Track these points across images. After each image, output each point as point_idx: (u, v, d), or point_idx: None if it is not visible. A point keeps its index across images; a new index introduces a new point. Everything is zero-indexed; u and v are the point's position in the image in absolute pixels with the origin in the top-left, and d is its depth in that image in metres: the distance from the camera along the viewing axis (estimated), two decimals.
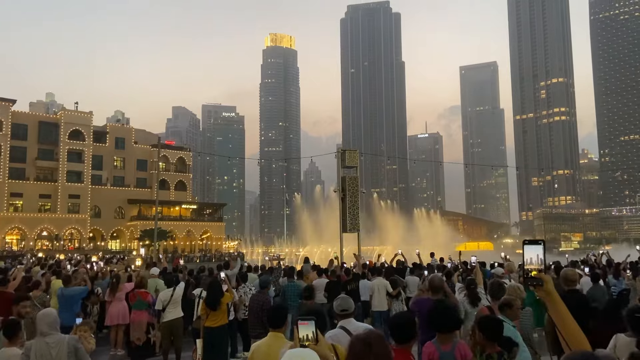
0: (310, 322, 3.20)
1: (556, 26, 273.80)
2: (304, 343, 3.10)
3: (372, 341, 2.96)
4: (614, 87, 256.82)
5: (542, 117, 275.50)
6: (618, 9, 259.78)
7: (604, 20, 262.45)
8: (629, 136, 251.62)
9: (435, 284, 8.02)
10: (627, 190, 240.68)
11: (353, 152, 22.74)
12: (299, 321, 3.23)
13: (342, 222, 21.66)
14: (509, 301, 6.19)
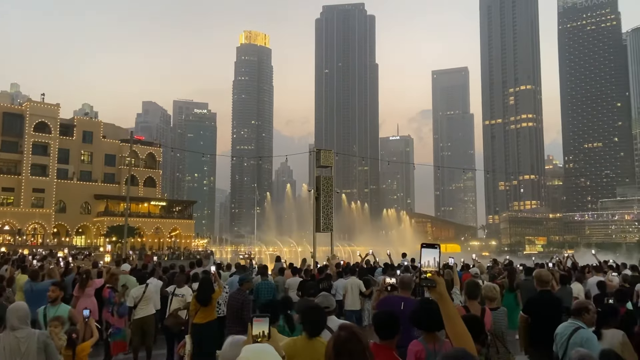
0: (265, 319, 3.22)
1: (525, 35, 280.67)
2: (257, 340, 3.14)
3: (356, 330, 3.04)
4: (579, 96, 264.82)
5: (510, 123, 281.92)
6: (585, 19, 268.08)
7: (572, 31, 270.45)
8: (592, 144, 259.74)
9: (405, 282, 8.22)
10: (590, 197, 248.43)
11: (328, 152, 22.78)
12: (254, 318, 3.24)
13: (316, 221, 21.68)
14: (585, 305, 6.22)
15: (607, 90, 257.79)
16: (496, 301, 7.58)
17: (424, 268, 2.84)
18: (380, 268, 17.87)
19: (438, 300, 2.91)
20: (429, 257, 2.83)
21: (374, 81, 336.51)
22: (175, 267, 17.87)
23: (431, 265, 2.82)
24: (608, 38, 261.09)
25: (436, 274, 2.79)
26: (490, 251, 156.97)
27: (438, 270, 2.80)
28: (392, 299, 8.38)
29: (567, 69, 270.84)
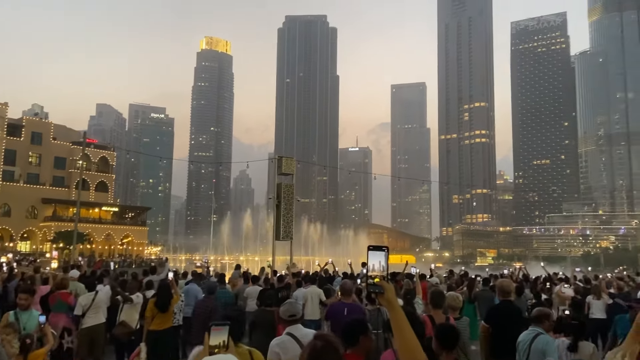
0: (224, 327, 3.05)
1: (480, 54, 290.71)
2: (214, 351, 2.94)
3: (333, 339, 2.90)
4: (530, 115, 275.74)
5: (464, 138, 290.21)
6: (536, 41, 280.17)
7: (524, 52, 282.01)
8: (540, 160, 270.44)
9: (346, 288, 8.52)
10: (537, 211, 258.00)
11: (290, 160, 22.61)
12: (212, 327, 3.06)
13: (276, 229, 21.41)
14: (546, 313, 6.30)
15: (556, 110, 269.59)
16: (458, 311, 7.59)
17: (370, 272, 2.64)
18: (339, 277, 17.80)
19: (387, 308, 2.72)
20: (375, 260, 2.66)
21: (334, 92, 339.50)
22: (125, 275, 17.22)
23: (377, 269, 2.63)
24: (557, 60, 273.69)
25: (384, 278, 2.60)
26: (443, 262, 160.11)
27: (385, 275, 2.60)
28: (336, 306, 8.62)
29: (518, 88, 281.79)
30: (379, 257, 2.64)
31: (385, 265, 2.61)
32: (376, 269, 2.61)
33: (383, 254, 2.65)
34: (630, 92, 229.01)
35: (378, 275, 2.58)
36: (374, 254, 2.67)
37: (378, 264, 2.62)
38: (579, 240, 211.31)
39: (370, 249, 2.67)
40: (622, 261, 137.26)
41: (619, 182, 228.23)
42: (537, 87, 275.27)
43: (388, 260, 2.61)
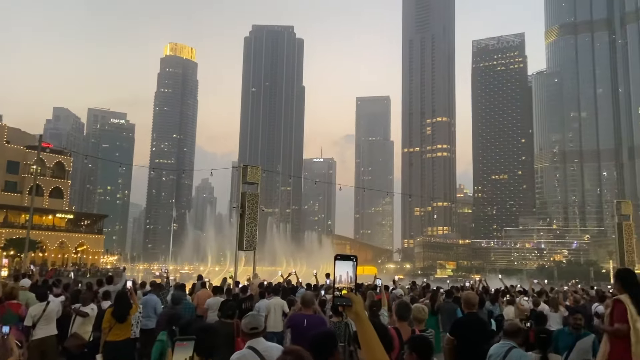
0: (190, 342, 2.90)
1: (443, 70, 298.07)
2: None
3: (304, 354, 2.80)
4: (489, 130, 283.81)
5: (426, 152, 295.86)
6: (496, 60, 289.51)
7: (484, 70, 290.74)
8: (498, 175, 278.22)
9: (306, 300, 8.48)
10: (495, 225, 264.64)
11: (255, 169, 22.35)
12: (177, 342, 2.92)
13: (239, 239, 21.06)
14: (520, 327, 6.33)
15: (514, 127, 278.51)
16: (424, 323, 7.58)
17: (337, 284, 2.47)
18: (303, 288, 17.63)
19: (355, 321, 2.59)
20: (343, 271, 2.49)
21: (300, 103, 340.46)
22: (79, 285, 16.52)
23: (344, 280, 2.46)
24: (515, 79, 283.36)
25: (351, 290, 2.44)
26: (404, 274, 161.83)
27: (354, 286, 2.44)
28: (296, 317, 8.50)
29: (478, 104, 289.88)
30: (347, 268, 2.50)
31: (353, 276, 2.47)
32: (343, 281, 2.47)
33: (351, 264, 2.50)
34: (584, 111, 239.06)
35: (345, 287, 2.45)
36: (341, 264, 2.52)
37: (346, 274, 2.49)
38: (534, 253, 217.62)
39: (337, 259, 2.53)
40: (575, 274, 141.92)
41: (571, 197, 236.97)
42: (496, 104, 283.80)
43: (356, 271, 2.47)
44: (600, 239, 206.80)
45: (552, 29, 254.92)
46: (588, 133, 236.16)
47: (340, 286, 2.45)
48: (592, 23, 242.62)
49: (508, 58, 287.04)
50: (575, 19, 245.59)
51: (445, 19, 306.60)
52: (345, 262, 2.48)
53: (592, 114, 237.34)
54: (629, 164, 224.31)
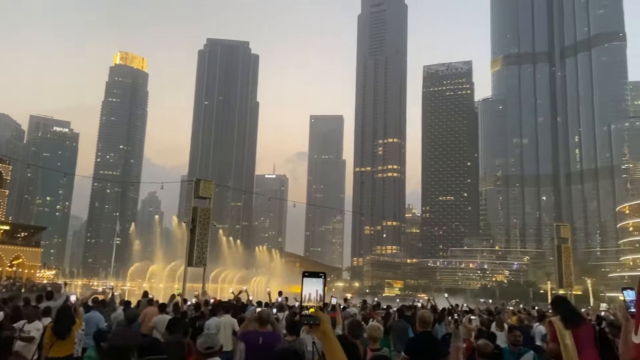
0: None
1: (395, 92, 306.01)
2: None
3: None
4: (437, 152, 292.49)
5: (377, 172, 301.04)
6: (445, 85, 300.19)
7: (433, 94, 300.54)
8: (445, 197, 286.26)
9: (263, 317, 8.53)
10: (442, 245, 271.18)
11: (208, 183, 21.96)
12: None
13: (189, 255, 20.52)
14: None
15: (460, 150, 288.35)
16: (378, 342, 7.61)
17: (305, 303, 2.37)
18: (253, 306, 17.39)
19: (322, 340, 2.54)
20: (311, 288, 2.38)
21: (253, 118, 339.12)
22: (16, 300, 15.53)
23: (313, 299, 2.35)
24: (463, 104, 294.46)
25: (319, 309, 2.34)
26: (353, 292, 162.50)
27: (322, 304, 2.35)
28: (251, 334, 8.40)
29: (428, 127, 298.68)
30: (316, 285, 2.39)
31: (322, 293, 2.37)
32: (312, 299, 2.36)
33: (320, 282, 2.39)
34: (525, 138, 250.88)
35: (314, 305, 2.35)
36: (309, 281, 2.41)
37: (315, 292, 2.38)
38: (478, 273, 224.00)
39: (305, 276, 2.42)
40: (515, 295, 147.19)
41: (513, 220, 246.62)
42: (444, 128, 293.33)
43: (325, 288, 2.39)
44: (538, 260, 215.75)
45: (497, 58, 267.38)
46: (529, 159, 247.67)
47: (309, 305, 2.36)
48: (534, 55, 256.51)
49: (456, 84, 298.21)
50: (519, 50, 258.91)
51: (398, 43, 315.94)
52: (313, 280, 2.39)
53: (533, 140, 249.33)
54: (566, 190, 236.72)
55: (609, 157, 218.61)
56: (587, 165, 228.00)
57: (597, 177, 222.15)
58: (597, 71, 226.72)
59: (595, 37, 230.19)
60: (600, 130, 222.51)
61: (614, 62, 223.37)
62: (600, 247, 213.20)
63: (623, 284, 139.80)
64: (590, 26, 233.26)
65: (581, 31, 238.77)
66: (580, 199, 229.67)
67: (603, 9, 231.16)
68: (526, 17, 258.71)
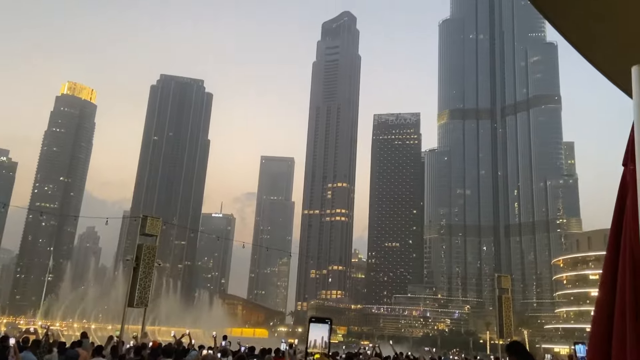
0: None
1: (346, 138, 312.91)
2: None
3: None
4: (385, 199, 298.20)
5: (326, 215, 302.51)
6: (394, 134, 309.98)
7: (383, 142, 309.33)
8: (391, 243, 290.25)
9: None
10: (386, 291, 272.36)
11: (156, 220, 21.37)
12: None
13: (130, 294, 19.64)
14: None
15: (407, 198, 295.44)
16: None
17: (310, 349, 2.29)
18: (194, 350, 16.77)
19: None
20: (317, 334, 2.28)
21: (203, 156, 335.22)
22: None
23: (319, 345, 2.26)
24: (411, 154, 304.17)
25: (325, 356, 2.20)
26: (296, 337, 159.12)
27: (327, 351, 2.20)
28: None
29: (377, 174, 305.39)
30: (322, 332, 2.27)
31: (327, 340, 2.37)
32: (318, 345, 2.38)
33: (326, 328, 2.35)
34: (468, 189, 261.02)
35: (319, 352, 2.32)
36: (315, 326, 2.29)
37: (320, 339, 2.35)
38: (420, 321, 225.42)
39: (312, 321, 2.37)
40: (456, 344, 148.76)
41: (455, 269, 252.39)
42: (392, 175, 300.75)
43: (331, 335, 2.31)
44: (479, 310, 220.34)
45: (443, 112, 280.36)
46: (471, 209, 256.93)
47: (314, 351, 2.37)
48: (477, 111, 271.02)
49: (405, 134, 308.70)
50: (464, 106, 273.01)
51: (351, 91, 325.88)
52: (319, 325, 2.36)
53: (475, 192, 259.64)
54: (505, 241, 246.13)
55: (545, 211, 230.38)
56: (525, 219, 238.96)
57: (534, 230, 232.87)
58: (534, 130, 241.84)
59: (533, 99, 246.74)
60: (537, 186, 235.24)
61: (550, 123, 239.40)
62: (537, 298, 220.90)
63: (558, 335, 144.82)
64: (529, 88, 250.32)
65: (520, 92, 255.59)
66: (518, 250, 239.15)
67: (540, 73, 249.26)
68: (471, 75, 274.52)
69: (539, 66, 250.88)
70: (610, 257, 2.36)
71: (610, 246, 2.38)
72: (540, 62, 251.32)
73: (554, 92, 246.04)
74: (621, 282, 2.21)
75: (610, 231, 2.42)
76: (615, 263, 2.29)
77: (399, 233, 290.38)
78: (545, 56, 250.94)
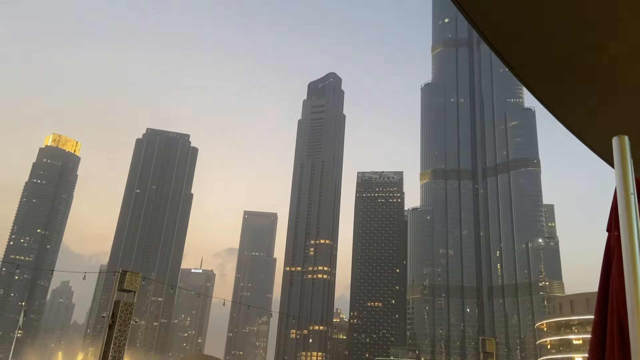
0: None
1: (330, 195, 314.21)
2: None
3: None
4: (367, 257, 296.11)
5: (308, 272, 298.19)
6: (377, 192, 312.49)
7: (366, 199, 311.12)
8: (374, 302, 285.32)
9: None
10: (368, 353, 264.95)
11: (135, 275, 20.83)
12: None
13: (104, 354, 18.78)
14: None
15: (390, 257, 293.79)
16: None
17: None
18: None
19: None
20: None
21: (185, 210, 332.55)
22: None
23: None
24: (394, 212, 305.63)
25: None
26: None
27: None
28: None
29: (359, 232, 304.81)
30: None
31: None
32: None
33: None
34: (451, 249, 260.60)
35: None
36: None
37: None
38: None
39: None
40: None
41: (439, 331, 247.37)
42: (375, 233, 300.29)
43: None
44: None
45: (426, 171, 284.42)
46: (454, 270, 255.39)
47: None
48: (459, 172, 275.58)
49: (388, 192, 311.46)
50: (446, 167, 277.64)
51: (335, 149, 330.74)
52: None
53: (457, 252, 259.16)
54: (488, 303, 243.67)
55: (527, 273, 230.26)
56: (508, 281, 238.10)
57: (517, 292, 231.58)
58: (515, 192, 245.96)
59: (512, 162, 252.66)
60: (519, 247, 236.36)
61: (530, 185, 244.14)
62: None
63: None
64: (509, 151, 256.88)
65: (501, 155, 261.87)
66: (501, 313, 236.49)
67: (519, 137, 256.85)
68: (452, 137, 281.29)
69: (518, 130, 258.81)
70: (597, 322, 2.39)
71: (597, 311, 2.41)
72: (519, 126, 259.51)
73: (533, 155, 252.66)
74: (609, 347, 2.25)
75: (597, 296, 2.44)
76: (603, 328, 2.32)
77: (381, 292, 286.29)
78: (523, 121, 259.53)
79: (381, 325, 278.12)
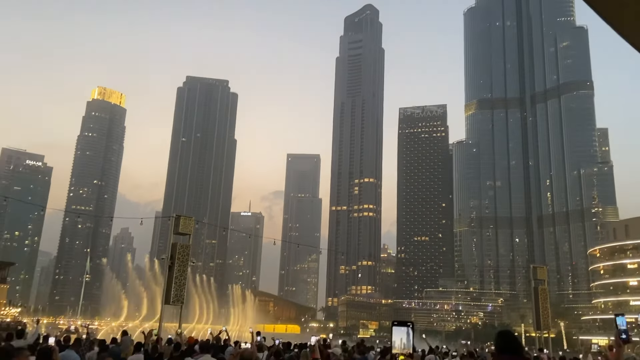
0: None
1: (372, 133, 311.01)
2: None
3: None
4: (412, 193, 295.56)
5: (353, 211, 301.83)
6: (421, 127, 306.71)
7: (409, 135, 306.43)
8: (420, 237, 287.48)
9: (245, 356, 8.86)
10: (417, 285, 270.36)
11: (188, 219, 21.71)
12: None
13: (166, 292, 20.03)
14: None
15: (435, 192, 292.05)
16: None
17: (395, 350, 2.51)
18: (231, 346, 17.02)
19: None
20: (398, 337, 2.52)
21: (230, 156, 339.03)
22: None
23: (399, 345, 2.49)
24: (438, 146, 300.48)
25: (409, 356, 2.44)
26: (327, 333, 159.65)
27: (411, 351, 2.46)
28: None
29: (404, 168, 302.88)
30: (402, 334, 2.52)
31: (407, 343, 2.51)
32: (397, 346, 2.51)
33: (406, 331, 2.53)
34: (498, 180, 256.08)
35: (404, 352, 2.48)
36: (398, 329, 2.56)
37: (399, 341, 2.51)
38: (452, 315, 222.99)
39: (394, 325, 2.61)
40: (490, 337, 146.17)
41: (487, 262, 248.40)
42: (419, 169, 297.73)
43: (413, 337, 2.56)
44: (512, 302, 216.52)
45: (471, 103, 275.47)
46: (502, 201, 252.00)
47: (397, 352, 2.52)
48: (506, 100, 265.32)
49: (431, 127, 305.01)
50: (492, 96, 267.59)
51: (375, 85, 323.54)
52: (401, 329, 2.54)
53: (505, 183, 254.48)
54: (538, 232, 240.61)
55: (579, 200, 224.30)
56: (559, 209, 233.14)
57: (569, 220, 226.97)
58: (566, 118, 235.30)
59: (564, 85, 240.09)
60: (570, 174, 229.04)
61: (582, 109, 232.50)
62: (573, 289, 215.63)
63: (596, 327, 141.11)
64: (560, 74, 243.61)
65: (550, 79, 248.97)
66: (552, 241, 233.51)
67: (571, 58, 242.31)
68: (498, 64, 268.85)
69: (569, 51, 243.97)
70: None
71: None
72: (570, 47, 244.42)
73: (585, 77, 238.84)
74: None
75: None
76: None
77: (428, 227, 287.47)
78: (575, 41, 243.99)
79: (428, 258, 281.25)
